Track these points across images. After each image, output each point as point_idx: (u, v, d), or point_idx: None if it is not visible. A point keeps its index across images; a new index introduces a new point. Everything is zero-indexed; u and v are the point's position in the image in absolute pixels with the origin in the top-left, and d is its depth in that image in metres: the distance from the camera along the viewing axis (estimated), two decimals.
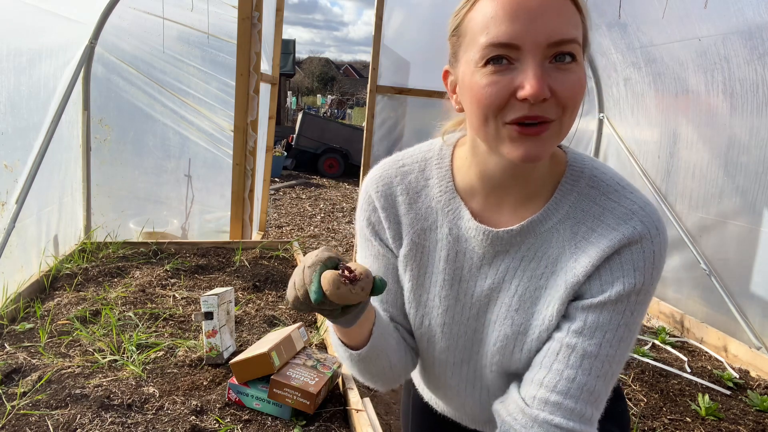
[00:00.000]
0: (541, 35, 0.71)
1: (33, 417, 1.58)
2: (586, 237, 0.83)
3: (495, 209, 0.89)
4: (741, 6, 2.90)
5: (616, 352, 0.82)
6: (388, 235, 0.97)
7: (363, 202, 1.00)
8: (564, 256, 0.84)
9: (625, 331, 0.82)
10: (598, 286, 0.82)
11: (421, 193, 0.94)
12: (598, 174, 0.86)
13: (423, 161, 0.96)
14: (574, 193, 0.85)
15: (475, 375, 0.98)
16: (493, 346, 0.91)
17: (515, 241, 0.87)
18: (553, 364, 0.83)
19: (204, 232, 4.19)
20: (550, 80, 0.72)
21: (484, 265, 0.90)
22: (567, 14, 0.73)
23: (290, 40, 20.99)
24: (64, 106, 3.17)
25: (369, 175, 1.00)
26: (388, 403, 2.86)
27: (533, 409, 0.82)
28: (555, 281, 0.85)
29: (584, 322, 0.82)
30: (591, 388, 0.81)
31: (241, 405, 1.70)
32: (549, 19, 0.71)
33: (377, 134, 4.54)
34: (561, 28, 0.72)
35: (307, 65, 51.12)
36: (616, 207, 0.82)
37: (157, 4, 3.62)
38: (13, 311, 2.34)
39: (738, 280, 3.28)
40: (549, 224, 0.85)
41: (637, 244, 0.80)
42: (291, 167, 11.63)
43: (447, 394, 1.06)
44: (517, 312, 0.88)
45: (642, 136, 4.13)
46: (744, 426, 2.46)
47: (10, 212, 2.63)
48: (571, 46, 0.73)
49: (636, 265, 0.80)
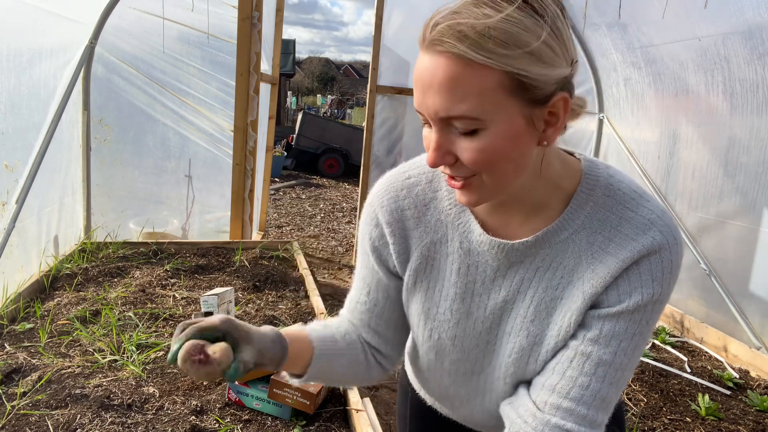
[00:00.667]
0: (430, 111, 0.72)
1: (33, 417, 1.58)
2: (603, 247, 0.82)
3: (505, 220, 0.88)
4: (741, 6, 2.90)
5: (630, 360, 0.82)
6: (392, 250, 0.95)
7: (366, 216, 0.98)
8: (581, 267, 0.83)
9: (639, 339, 0.82)
10: (616, 296, 0.81)
11: (430, 206, 0.93)
12: (614, 183, 0.84)
13: (430, 172, 0.94)
14: (590, 203, 0.83)
15: (486, 386, 0.97)
16: (507, 358, 0.91)
17: (530, 252, 0.86)
18: (567, 370, 0.83)
19: (204, 232, 4.19)
20: (454, 147, 0.74)
21: (498, 278, 0.89)
22: (453, 85, 0.69)
23: (290, 40, 20.99)
24: (64, 106, 3.17)
25: (374, 188, 0.98)
26: (388, 403, 2.86)
27: (545, 414, 0.82)
28: (571, 292, 0.84)
29: (600, 330, 0.82)
30: (604, 395, 0.81)
31: (241, 405, 1.70)
32: (433, 95, 0.71)
33: (377, 134, 4.54)
34: (442, 105, 0.70)
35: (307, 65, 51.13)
36: (634, 216, 0.81)
37: (157, 4, 3.62)
38: (13, 311, 2.34)
39: (738, 280, 3.28)
40: (564, 234, 0.84)
41: (656, 255, 0.80)
42: (291, 167, 11.62)
43: (454, 403, 1.05)
44: (533, 323, 0.87)
45: (642, 136, 4.13)
46: (744, 426, 2.46)
47: (10, 212, 2.63)
48: (460, 122, 0.71)
49: (654, 275, 0.80)
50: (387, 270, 0.99)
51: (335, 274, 5.01)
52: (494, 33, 0.66)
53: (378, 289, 1.00)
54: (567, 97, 0.74)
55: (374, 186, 0.99)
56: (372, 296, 1.01)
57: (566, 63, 0.73)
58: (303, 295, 2.87)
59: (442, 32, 0.69)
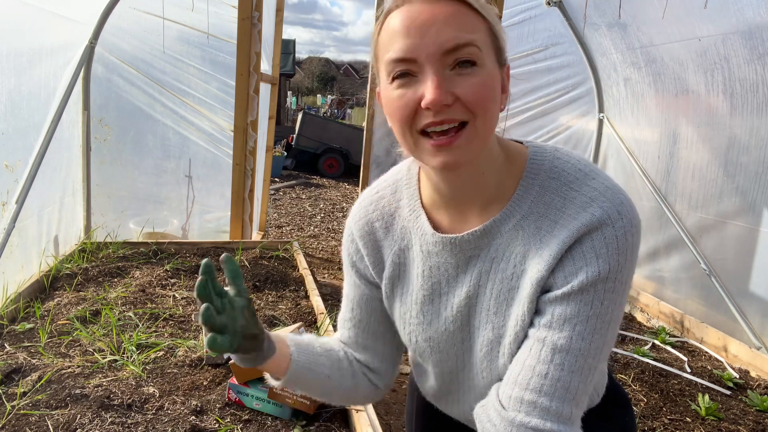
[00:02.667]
0: (433, 45, 0.73)
1: (33, 417, 1.58)
2: (549, 230, 0.81)
3: (461, 218, 0.89)
4: (741, 6, 2.90)
5: (590, 346, 0.78)
6: (368, 262, 1.00)
7: (345, 234, 1.05)
8: (530, 253, 0.83)
9: (597, 322, 0.78)
10: (563, 278, 0.80)
11: (395, 215, 0.97)
12: (558, 164, 0.83)
13: (394, 184, 0.98)
14: (535, 187, 0.83)
15: (469, 383, 0.98)
16: (480, 353, 0.91)
17: (482, 244, 0.86)
18: (526, 360, 0.81)
19: (204, 232, 4.19)
20: (452, 86, 0.74)
21: (459, 274, 0.90)
22: (459, 20, 0.74)
23: (290, 40, 20.98)
24: (65, 106, 3.17)
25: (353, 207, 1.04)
26: (388, 403, 2.86)
27: (510, 411, 0.80)
28: (524, 280, 0.84)
29: (552, 315, 0.80)
30: (566, 384, 0.78)
31: (241, 405, 1.70)
32: (439, 28, 0.73)
33: (377, 134, 4.54)
34: (452, 34, 0.73)
35: (307, 65, 51.12)
36: (577, 196, 0.80)
37: (157, 4, 3.63)
38: (13, 311, 2.34)
39: (737, 280, 3.28)
40: (512, 222, 0.84)
41: (598, 231, 0.77)
42: (291, 167, 11.62)
43: (449, 402, 1.06)
44: (496, 315, 0.87)
45: (642, 136, 4.13)
46: (744, 426, 2.46)
47: (10, 212, 2.63)
48: (468, 50, 0.74)
49: (599, 252, 0.77)
50: (367, 282, 1.02)
51: (335, 274, 5.01)
52: None
53: (362, 303, 1.04)
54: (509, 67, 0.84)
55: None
56: (356, 312, 1.05)
57: None
58: (303, 295, 2.87)
59: None
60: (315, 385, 1.03)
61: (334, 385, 1.04)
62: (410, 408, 1.28)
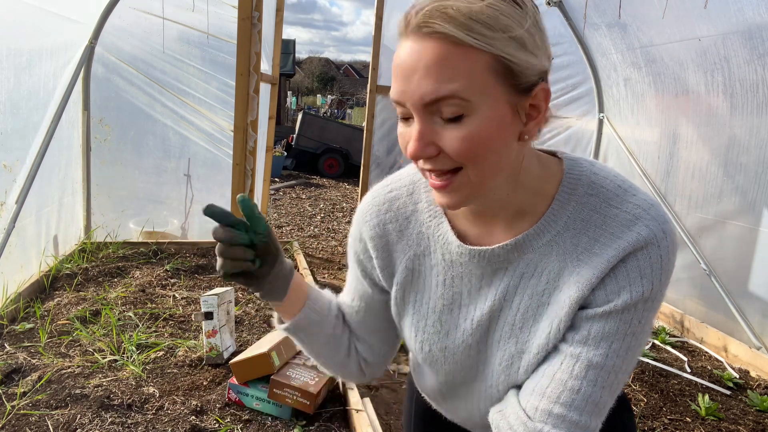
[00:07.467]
0: (415, 96, 0.69)
1: (33, 417, 1.58)
2: (588, 248, 0.79)
3: (488, 229, 0.86)
4: (741, 6, 2.90)
5: (623, 363, 0.78)
6: (376, 264, 0.96)
7: (353, 229, 1.00)
8: (566, 270, 0.80)
9: (632, 340, 0.78)
10: (604, 296, 0.78)
11: (411, 219, 0.93)
12: (596, 180, 0.81)
13: (411, 184, 0.94)
14: (572, 203, 0.80)
15: (481, 394, 0.96)
16: (498, 366, 0.89)
17: (512, 258, 0.84)
18: (556, 373, 0.79)
19: (204, 232, 4.19)
20: (438, 137, 0.71)
21: (484, 287, 0.87)
22: (442, 66, 0.67)
23: (290, 40, 20.98)
24: (64, 106, 3.17)
25: (360, 203, 0.99)
26: (388, 403, 2.85)
27: (536, 422, 0.78)
28: (558, 297, 0.81)
29: (589, 332, 0.79)
30: (596, 399, 0.78)
31: (241, 405, 1.69)
32: (420, 77, 0.68)
33: (377, 134, 4.54)
34: (431, 87, 0.68)
35: (307, 65, 51.13)
36: (619, 213, 0.78)
37: (157, 4, 3.62)
38: (13, 311, 2.34)
39: (737, 280, 3.28)
40: (547, 237, 0.81)
41: (643, 250, 0.76)
42: (291, 167, 11.61)
43: (454, 409, 1.06)
44: (522, 330, 0.85)
45: (642, 136, 4.13)
46: (744, 426, 2.46)
47: (9, 212, 2.63)
48: (449, 103, 0.68)
49: (643, 272, 0.76)
50: (372, 282, 1.00)
51: (335, 274, 5.01)
52: (481, 17, 0.67)
53: (362, 298, 1.02)
54: (548, 88, 0.73)
55: (362, 199, 1.00)
56: (356, 303, 1.04)
57: (546, 57, 0.73)
58: None
59: (428, 14, 0.68)
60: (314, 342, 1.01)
61: (330, 353, 1.03)
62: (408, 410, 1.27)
